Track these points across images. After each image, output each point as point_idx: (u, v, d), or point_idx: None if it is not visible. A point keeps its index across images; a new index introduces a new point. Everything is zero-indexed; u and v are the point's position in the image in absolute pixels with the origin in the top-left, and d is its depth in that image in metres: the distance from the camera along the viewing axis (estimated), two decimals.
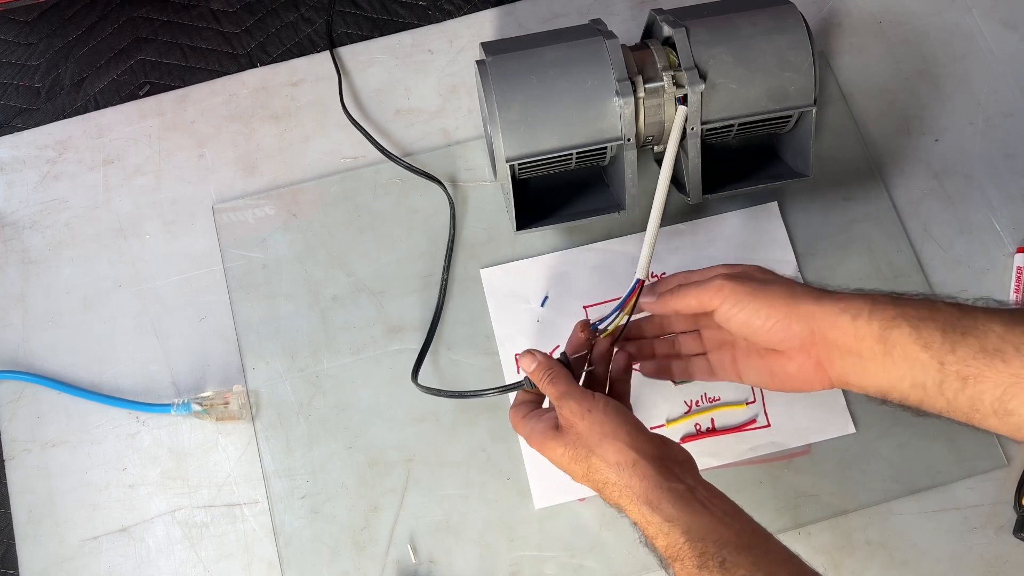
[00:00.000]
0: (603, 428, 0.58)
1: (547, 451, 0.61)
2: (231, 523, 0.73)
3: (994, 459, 0.73)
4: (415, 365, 0.74)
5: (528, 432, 0.63)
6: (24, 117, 0.86)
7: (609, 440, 0.57)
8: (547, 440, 0.60)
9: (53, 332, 0.78)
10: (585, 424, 0.58)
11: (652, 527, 0.55)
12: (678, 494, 0.55)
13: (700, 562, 0.53)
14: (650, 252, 0.67)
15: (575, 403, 0.59)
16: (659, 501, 0.55)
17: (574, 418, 0.59)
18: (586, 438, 0.58)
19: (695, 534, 0.54)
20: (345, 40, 0.87)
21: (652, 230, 0.67)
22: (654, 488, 0.55)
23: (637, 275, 0.66)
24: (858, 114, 0.83)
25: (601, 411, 0.58)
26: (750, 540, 0.55)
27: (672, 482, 0.56)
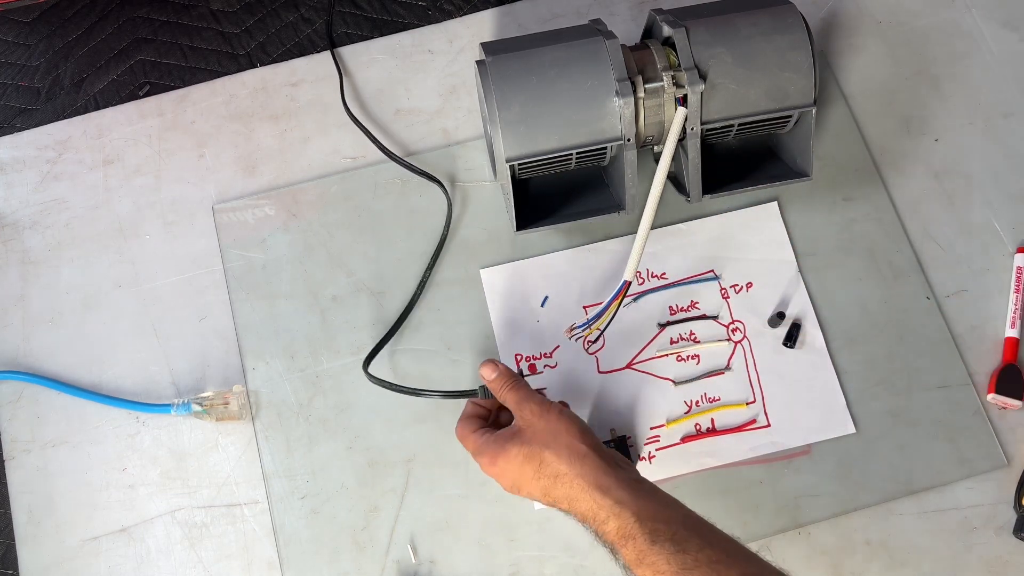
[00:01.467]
0: (558, 426, 0.63)
1: (502, 455, 0.63)
2: (231, 523, 0.73)
3: (994, 459, 0.73)
4: (369, 355, 0.74)
5: (482, 442, 0.65)
6: (24, 117, 0.86)
7: (563, 435, 0.62)
8: (503, 444, 0.64)
9: (53, 332, 0.78)
10: (543, 423, 0.63)
11: (604, 511, 0.58)
12: (627, 481, 0.60)
13: (652, 538, 0.56)
14: (639, 255, 0.69)
15: (536, 405, 0.64)
16: (610, 486, 0.59)
17: (533, 418, 0.64)
18: (542, 434, 0.63)
19: (645, 515, 0.57)
20: (345, 40, 0.87)
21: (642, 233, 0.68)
22: (604, 475, 0.60)
23: (625, 277, 0.68)
24: (858, 114, 0.83)
25: (557, 412, 0.64)
26: (695, 522, 0.59)
27: (620, 471, 0.61)
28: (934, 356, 0.75)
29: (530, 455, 0.62)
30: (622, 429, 0.74)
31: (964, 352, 0.76)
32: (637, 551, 0.56)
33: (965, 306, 0.77)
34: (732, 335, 0.76)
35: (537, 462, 0.62)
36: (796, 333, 0.76)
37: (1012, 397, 0.74)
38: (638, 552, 0.56)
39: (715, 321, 0.77)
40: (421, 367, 0.76)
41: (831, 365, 0.75)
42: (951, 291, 0.77)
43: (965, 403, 0.74)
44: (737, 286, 0.78)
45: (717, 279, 0.78)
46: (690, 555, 0.55)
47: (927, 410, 0.74)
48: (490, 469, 0.64)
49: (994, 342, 0.76)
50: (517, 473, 0.63)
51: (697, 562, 0.55)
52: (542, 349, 0.76)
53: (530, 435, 0.63)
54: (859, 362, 0.75)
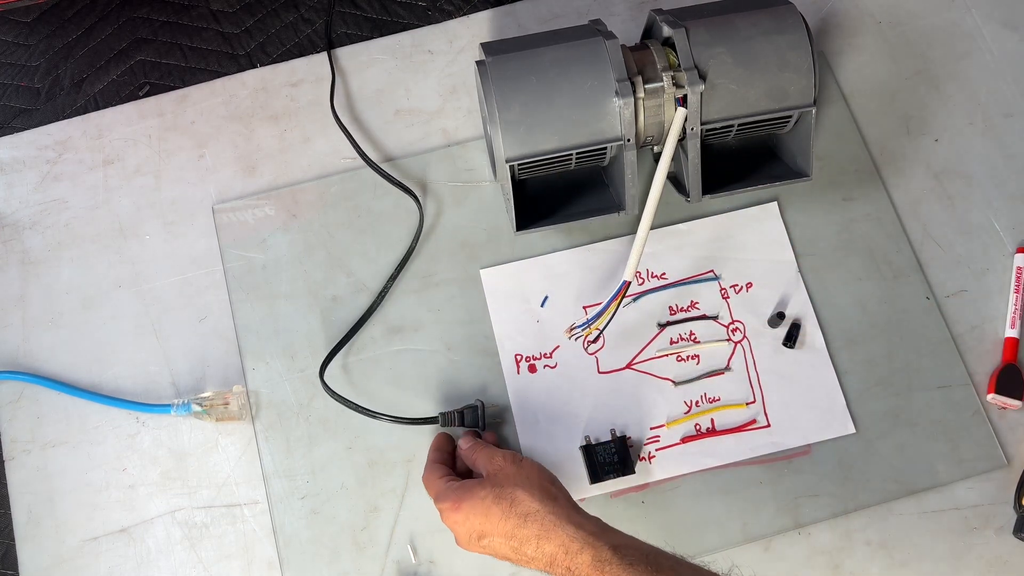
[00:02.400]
0: (530, 472, 0.65)
1: (467, 499, 0.63)
2: (231, 523, 0.73)
3: (994, 459, 0.73)
4: (323, 363, 0.74)
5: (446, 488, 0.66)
6: (24, 118, 0.86)
7: (535, 478, 0.64)
8: (470, 488, 0.64)
9: (53, 333, 0.78)
10: (514, 467, 0.65)
11: (578, 542, 0.59)
12: (596, 520, 0.62)
13: (629, 561, 0.57)
14: (638, 255, 0.69)
15: (510, 455, 0.66)
16: (583, 522, 0.61)
17: (505, 463, 0.65)
18: (514, 477, 0.64)
19: (620, 547, 0.58)
20: (345, 41, 0.87)
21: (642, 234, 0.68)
22: (576, 513, 0.62)
23: (624, 277, 0.68)
24: (858, 114, 0.83)
25: (530, 463, 0.66)
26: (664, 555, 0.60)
27: (590, 516, 0.62)
28: (934, 356, 0.75)
29: (500, 496, 0.62)
30: (622, 429, 0.74)
31: (964, 352, 0.76)
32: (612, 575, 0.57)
33: (965, 306, 0.77)
34: (732, 335, 0.76)
35: (508, 502, 0.62)
36: (796, 333, 0.76)
37: (1012, 397, 0.74)
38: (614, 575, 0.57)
39: (715, 321, 0.77)
40: (421, 368, 0.76)
41: (831, 365, 0.75)
42: (951, 291, 0.77)
43: (965, 403, 0.74)
44: (737, 286, 0.78)
45: (717, 279, 0.78)
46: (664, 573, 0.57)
47: (927, 410, 0.74)
48: (452, 515, 0.64)
49: (994, 342, 0.76)
50: (482, 517, 0.62)
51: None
52: (542, 349, 0.76)
53: (501, 478, 0.64)
54: (859, 362, 0.75)
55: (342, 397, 0.72)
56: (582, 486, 0.72)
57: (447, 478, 0.67)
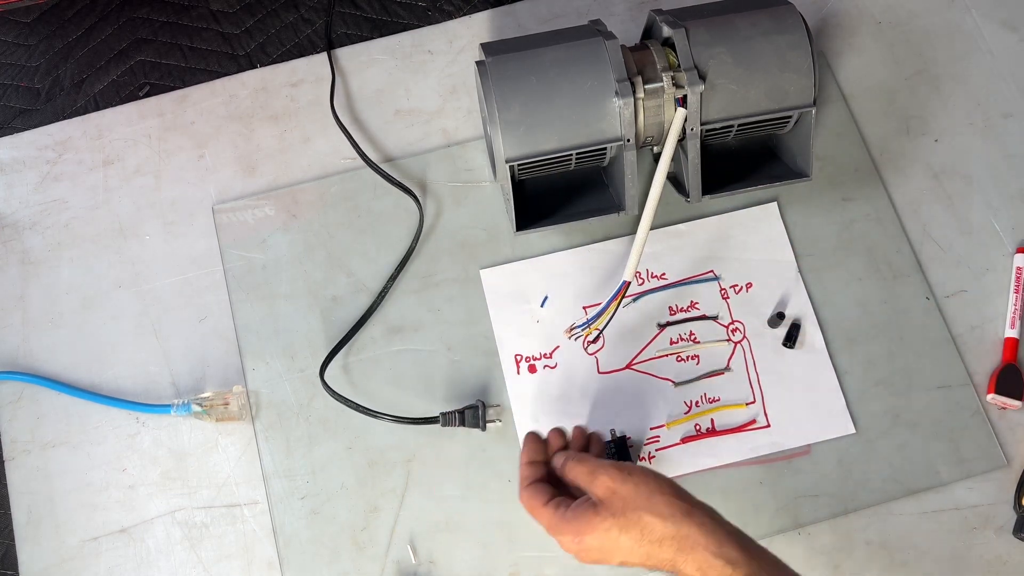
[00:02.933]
0: (648, 487, 0.58)
1: (589, 531, 0.58)
2: (231, 524, 0.73)
3: (994, 459, 0.73)
4: (323, 363, 0.74)
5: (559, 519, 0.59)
6: (24, 118, 0.86)
7: (658, 495, 0.57)
8: (588, 519, 0.58)
9: (53, 333, 0.78)
10: (629, 487, 0.58)
11: (714, 571, 0.55)
12: (736, 537, 0.56)
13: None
14: (638, 255, 0.69)
15: (615, 471, 0.59)
16: (720, 545, 0.55)
17: (615, 485, 0.58)
18: (633, 500, 0.58)
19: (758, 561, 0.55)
20: (345, 41, 0.87)
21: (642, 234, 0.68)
22: (713, 532, 0.56)
23: (624, 277, 0.68)
24: (858, 114, 0.83)
25: (640, 473, 0.59)
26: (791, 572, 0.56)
27: (727, 527, 0.56)
28: (934, 356, 0.75)
29: (626, 525, 0.57)
30: (622, 429, 0.74)
31: (964, 352, 0.76)
32: None
33: (965, 306, 0.77)
34: (732, 335, 0.76)
35: (637, 530, 0.57)
36: (796, 333, 0.76)
37: (1012, 397, 0.74)
38: None
39: (715, 321, 0.77)
40: (421, 368, 0.76)
41: (831, 365, 0.75)
42: (951, 291, 0.77)
43: (965, 403, 0.74)
44: (737, 286, 0.78)
45: (717, 279, 0.78)
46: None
47: (927, 410, 0.74)
48: (574, 546, 0.59)
49: (994, 342, 0.76)
50: (612, 546, 0.57)
51: None
52: (542, 349, 0.76)
53: (619, 504, 0.57)
54: (859, 362, 0.75)
55: (343, 397, 0.72)
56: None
57: (554, 503, 0.60)
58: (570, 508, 0.59)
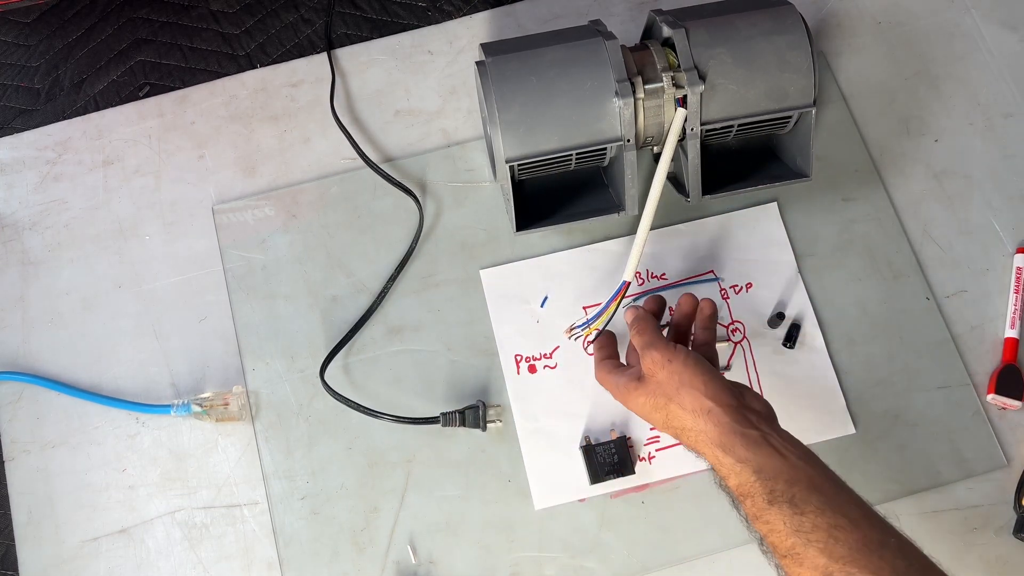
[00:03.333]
0: (681, 377, 0.61)
1: (630, 401, 0.64)
2: (231, 524, 0.73)
3: (994, 460, 0.73)
4: (323, 363, 0.74)
5: (613, 385, 0.66)
6: (24, 118, 0.86)
7: (687, 389, 0.61)
8: (630, 391, 0.64)
9: (53, 333, 0.78)
10: (665, 373, 0.62)
11: (725, 468, 0.59)
12: (750, 439, 0.58)
13: (770, 498, 0.56)
14: (638, 255, 0.69)
15: (657, 353, 0.63)
16: (732, 445, 0.58)
17: (655, 367, 0.63)
18: (665, 386, 0.62)
19: (766, 474, 0.57)
20: (345, 41, 0.87)
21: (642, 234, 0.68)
22: (727, 433, 0.59)
23: (624, 277, 0.68)
24: (858, 114, 0.83)
25: (681, 362, 0.62)
26: (821, 483, 0.57)
27: (745, 428, 0.59)
28: (934, 356, 0.75)
29: (656, 405, 0.62)
30: (622, 429, 0.74)
31: (964, 352, 0.76)
32: (755, 508, 0.57)
33: (965, 306, 0.77)
34: (732, 335, 0.76)
35: (664, 413, 0.62)
36: (796, 333, 0.76)
37: (1012, 397, 0.74)
38: (756, 509, 0.57)
39: None
40: (421, 368, 0.76)
41: (831, 365, 0.75)
42: (951, 291, 0.77)
43: (965, 403, 0.74)
44: (737, 286, 0.78)
45: (717, 280, 0.78)
46: (807, 517, 0.55)
47: (927, 410, 0.74)
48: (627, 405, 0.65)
49: (994, 342, 0.76)
50: (647, 418, 0.64)
51: (815, 526, 0.54)
52: (542, 349, 0.76)
53: (654, 385, 0.63)
54: (859, 362, 0.75)
55: (343, 397, 0.72)
56: (582, 486, 0.72)
57: (613, 371, 0.67)
58: (621, 375, 0.66)
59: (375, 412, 0.72)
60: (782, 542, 0.55)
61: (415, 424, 0.72)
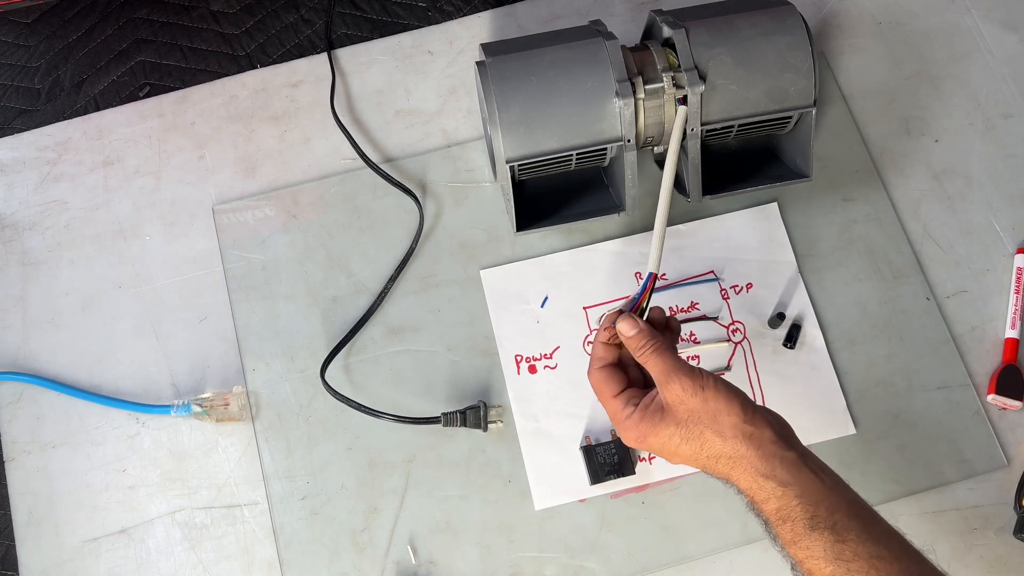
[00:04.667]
0: (717, 404, 0.59)
1: (653, 435, 0.60)
2: (231, 524, 0.73)
3: (994, 460, 0.73)
4: (324, 363, 0.74)
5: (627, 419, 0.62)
6: (24, 118, 0.86)
7: (724, 415, 0.58)
8: (655, 424, 0.60)
9: (53, 333, 0.78)
10: (698, 400, 0.59)
11: (765, 491, 0.57)
12: (791, 461, 0.57)
13: (812, 523, 0.55)
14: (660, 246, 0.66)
15: (688, 380, 0.59)
16: (773, 468, 0.57)
17: (685, 395, 0.59)
18: (700, 414, 0.59)
19: (808, 498, 0.56)
20: (345, 41, 0.87)
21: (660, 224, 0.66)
22: (769, 456, 0.57)
23: (649, 268, 0.65)
24: (858, 114, 0.83)
25: (713, 387, 0.59)
26: (859, 510, 0.56)
27: (785, 451, 0.57)
28: (934, 357, 0.75)
29: (688, 436, 0.59)
30: None
31: (964, 353, 0.76)
32: (794, 533, 0.55)
33: (965, 307, 0.77)
34: (732, 336, 0.76)
35: (698, 443, 0.59)
36: (796, 334, 0.76)
37: (1012, 398, 0.74)
38: (795, 534, 0.55)
39: (715, 322, 0.77)
40: (421, 368, 0.76)
41: (831, 366, 0.75)
42: (951, 292, 0.77)
43: (965, 404, 0.74)
44: (737, 287, 0.78)
45: (717, 280, 0.78)
46: (848, 546, 0.54)
47: (927, 411, 0.74)
48: (635, 443, 0.62)
49: (994, 343, 0.76)
50: (672, 451, 0.60)
51: (856, 555, 0.54)
52: (542, 350, 0.76)
53: (684, 415, 0.59)
54: (859, 363, 0.75)
55: (344, 397, 0.72)
56: (582, 486, 0.72)
57: (624, 397, 0.62)
58: (637, 409, 0.61)
59: (376, 412, 0.72)
60: (820, 569, 0.54)
61: (416, 424, 0.72)
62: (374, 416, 0.72)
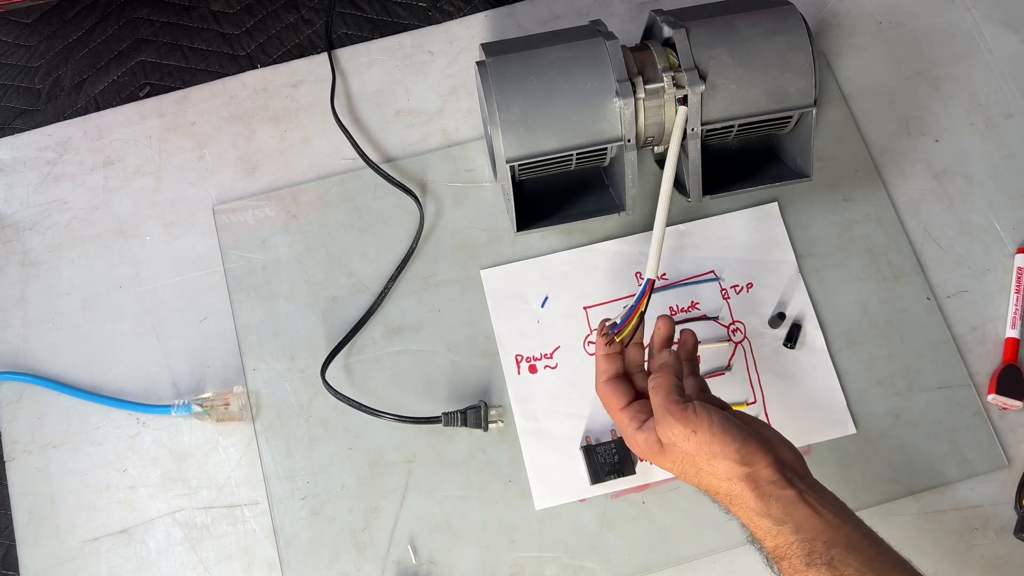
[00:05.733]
0: (711, 448, 0.57)
1: (655, 460, 0.61)
2: (231, 524, 0.73)
3: (994, 460, 0.73)
4: (324, 363, 0.74)
5: (632, 437, 0.62)
6: (24, 118, 0.86)
7: (719, 459, 0.57)
8: (655, 452, 0.60)
9: (53, 333, 0.78)
10: (691, 445, 0.58)
11: (761, 530, 0.57)
12: (788, 500, 0.56)
13: (808, 560, 0.54)
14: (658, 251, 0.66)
15: (679, 426, 0.58)
16: (769, 508, 0.56)
17: (677, 439, 0.58)
18: (694, 458, 0.58)
19: (805, 534, 0.55)
20: (345, 41, 0.87)
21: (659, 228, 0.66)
22: (765, 496, 0.56)
23: (647, 275, 0.65)
24: (858, 114, 0.83)
25: (707, 430, 0.57)
26: (860, 542, 0.55)
27: (782, 489, 0.56)
28: (934, 357, 0.75)
29: (683, 473, 0.60)
30: None
31: (964, 353, 0.76)
32: (792, 569, 0.55)
33: (965, 307, 0.77)
34: (732, 336, 0.76)
35: (695, 480, 0.60)
36: (796, 334, 0.76)
37: (1012, 398, 0.74)
38: (793, 570, 0.55)
39: (716, 322, 0.77)
40: (421, 368, 0.76)
41: (831, 365, 0.75)
42: (951, 291, 0.77)
43: (965, 404, 0.74)
44: (737, 287, 0.78)
45: (717, 280, 0.78)
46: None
47: (927, 410, 0.74)
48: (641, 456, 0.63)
49: (994, 343, 0.76)
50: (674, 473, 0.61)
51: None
52: (542, 349, 0.76)
53: (679, 455, 0.59)
54: (859, 362, 0.75)
55: (345, 396, 0.72)
56: (582, 486, 0.72)
57: (631, 411, 0.62)
58: (642, 430, 0.61)
59: (377, 412, 0.72)
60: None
61: (417, 424, 0.72)
62: (374, 416, 0.72)
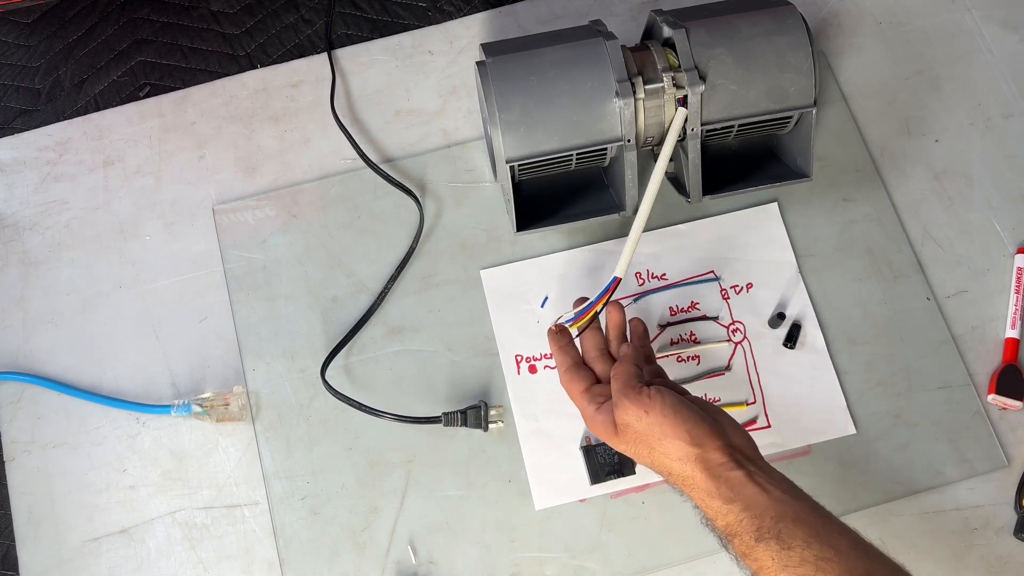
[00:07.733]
0: (663, 428, 0.60)
1: (612, 441, 0.64)
2: (231, 524, 0.73)
3: (994, 460, 0.73)
4: (324, 363, 0.74)
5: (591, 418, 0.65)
6: (24, 118, 0.86)
7: (669, 440, 0.60)
8: (611, 433, 0.63)
9: (53, 333, 0.78)
10: (643, 425, 0.61)
11: (712, 510, 0.59)
12: (737, 480, 0.58)
13: (757, 535, 0.56)
14: (631, 252, 0.68)
15: (632, 407, 0.61)
16: (719, 488, 0.58)
17: (631, 420, 0.61)
18: (646, 437, 0.61)
19: (753, 511, 0.57)
20: (345, 41, 0.87)
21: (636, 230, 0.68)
22: (714, 478, 0.58)
23: (616, 273, 0.67)
24: (858, 114, 0.83)
25: (659, 411, 0.60)
26: (807, 516, 0.57)
27: (731, 470, 0.58)
28: (934, 357, 0.75)
29: (638, 453, 0.62)
30: None
31: (964, 353, 0.76)
32: (744, 546, 0.57)
33: (965, 307, 0.77)
34: (732, 336, 0.76)
35: (648, 460, 0.62)
36: (796, 334, 0.76)
37: (1012, 398, 0.74)
38: (745, 547, 0.57)
39: (715, 322, 0.77)
40: (421, 368, 0.76)
41: (831, 366, 0.75)
42: (951, 292, 0.77)
43: (965, 404, 0.74)
44: (737, 287, 0.78)
45: (717, 280, 0.78)
46: (794, 552, 0.55)
47: (927, 411, 0.74)
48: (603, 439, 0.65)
49: (994, 343, 0.76)
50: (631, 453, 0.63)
51: (803, 560, 0.54)
52: (542, 350, 0.76)
53: (632, 436, 0.62)
54: (859, 363, 0.75)
55: (345, 396, 0.72)
56: (582, 486, 0.72)
57: (589, 394, 0.66)
58: (598, 411, 0.64)
59: (377, 411, 0.72)
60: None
61: (417, 424, 0.72)
62: (374, 416, 0.72)
